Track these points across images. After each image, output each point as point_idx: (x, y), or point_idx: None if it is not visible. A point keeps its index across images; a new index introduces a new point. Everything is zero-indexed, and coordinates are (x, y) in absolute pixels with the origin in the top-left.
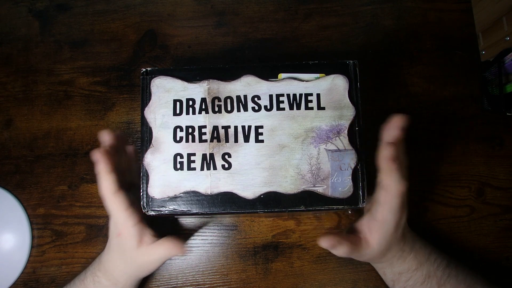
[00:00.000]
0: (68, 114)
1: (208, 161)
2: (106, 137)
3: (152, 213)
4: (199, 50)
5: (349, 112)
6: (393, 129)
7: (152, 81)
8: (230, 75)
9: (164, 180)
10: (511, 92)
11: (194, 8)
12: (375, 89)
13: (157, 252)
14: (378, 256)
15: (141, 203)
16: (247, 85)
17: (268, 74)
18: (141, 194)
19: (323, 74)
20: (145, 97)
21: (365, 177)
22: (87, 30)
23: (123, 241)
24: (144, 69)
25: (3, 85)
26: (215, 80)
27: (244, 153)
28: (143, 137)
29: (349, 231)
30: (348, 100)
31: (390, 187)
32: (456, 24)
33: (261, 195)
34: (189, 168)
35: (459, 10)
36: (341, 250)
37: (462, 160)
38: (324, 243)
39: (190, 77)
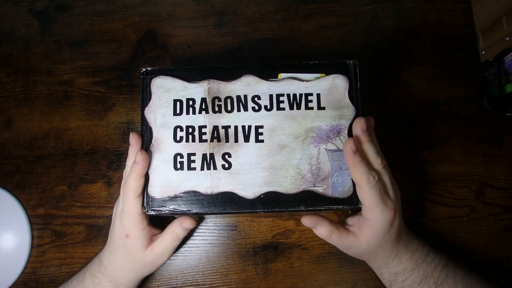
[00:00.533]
0: (68, 114)
1: (208, 161)
2: (136, 139)
3: (152, 212)
4: (199, 50)
5: (349, 112)
6: (354, 130)
7: (152, 81)
8: (230, 75)
9: (164, 180)
10: (511, 92)
11: (194, 8)
12: (375, 89)
13: (164, 241)
14: (368, 253)
15: (141, 202)
16: (247, 85)
17: (268, 74)
18: (142, 203)
19: (323, 74)
20: (145, 97)
21: None
22: (87, 30)
23: (130, 242)
24: (144, 69)
25: (3, 85)
26: (215, 80)
27: (244, 153)
28: (143, 137)
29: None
30: (348, 100)
31: (360, 180)
32: (456, 24)
33: (261, 195)
34: (189, 168)
35: (459, 10)
36: (321, 230)
37: (462, 160)
38: (306, 220)
39: (190, 77)
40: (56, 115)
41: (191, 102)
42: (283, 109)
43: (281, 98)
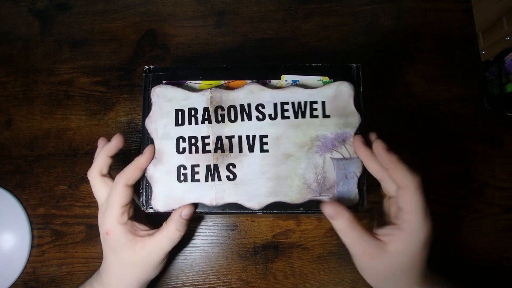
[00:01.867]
0: (68, 114)
1: (212, 172)
2: (104, 143)
3: (151, 210)
4: (199, 50)
5: (355, 120)
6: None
7: (152, 90)
8: (232, 78)
9: (168, 192)
10: (511, 92)
11: (194, 8)
12: (375, 89)
13: (160, 235)
14: (390, 273)
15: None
16: (250, 93)
17: (270, 75)
18: (141, 201)
19: (326, 77)
20: (146, 107)
21: (365, 181)
22: (87, 30)
23: (111, 239)
24: (147, 67)
25: (3, 85)
26: (217, 89)
27: (249, 163)
28: (145, 148)
29: None
30: (354, 107)
31: (403, 181)
32: (456, 24)
33: (267, 205)
34: (193, 180)
35: (459, 10)
36: (340, 221)
37: (462, 160)
38: (329, 208)
39: (191, 77)
40: (56, 114)
41: (193, 112)
42: (288, 117)
43: (285, 107)
